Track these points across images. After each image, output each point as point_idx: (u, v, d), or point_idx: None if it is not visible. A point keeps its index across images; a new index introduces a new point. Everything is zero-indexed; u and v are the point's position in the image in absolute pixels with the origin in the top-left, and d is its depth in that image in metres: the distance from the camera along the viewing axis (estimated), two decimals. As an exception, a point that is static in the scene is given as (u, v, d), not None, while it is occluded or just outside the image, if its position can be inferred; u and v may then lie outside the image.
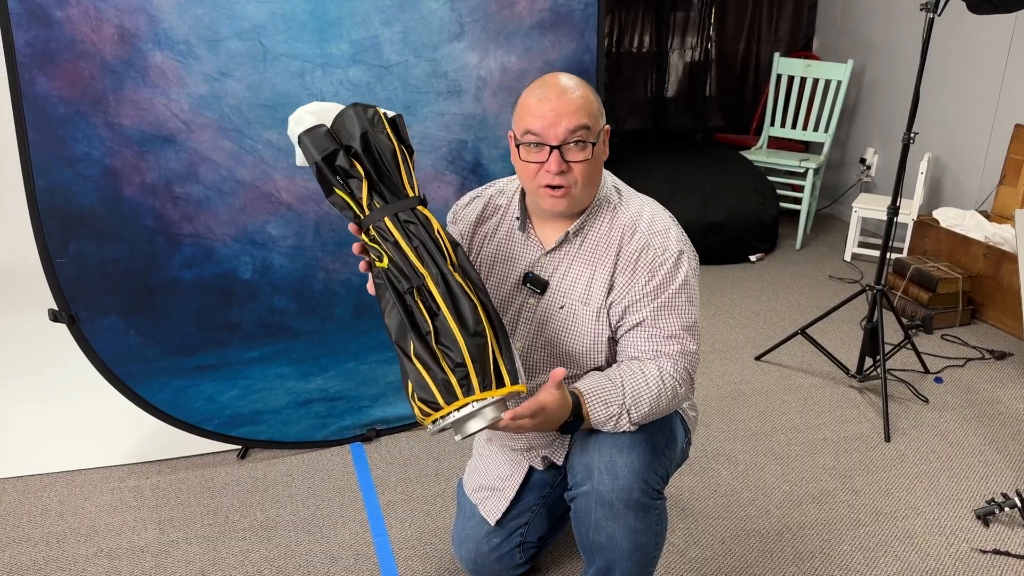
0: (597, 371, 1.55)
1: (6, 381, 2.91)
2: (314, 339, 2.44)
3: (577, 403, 1.46)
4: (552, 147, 1.48)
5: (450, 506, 2.24)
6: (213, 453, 2.48)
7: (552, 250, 1.62)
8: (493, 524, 1.84)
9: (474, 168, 2.45)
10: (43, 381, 2.89)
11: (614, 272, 1.57)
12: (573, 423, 1.47)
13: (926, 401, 2.86)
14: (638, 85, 5.32)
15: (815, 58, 5.16)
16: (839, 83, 4.68)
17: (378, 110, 1.49)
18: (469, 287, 1.40)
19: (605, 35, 2.27)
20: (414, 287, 1.38)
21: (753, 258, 4.37)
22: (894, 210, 2.77)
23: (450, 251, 1.43)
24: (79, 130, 2.03)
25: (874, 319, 2.83)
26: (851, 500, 2.30)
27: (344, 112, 1.47)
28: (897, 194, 2.75)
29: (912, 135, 2.68)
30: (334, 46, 2.19)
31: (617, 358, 1.60)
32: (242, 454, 2.48)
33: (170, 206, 2.17)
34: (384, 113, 1.49)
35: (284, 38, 2.14)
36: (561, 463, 1.75)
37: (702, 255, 1.69)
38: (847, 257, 4.37)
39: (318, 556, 2.05)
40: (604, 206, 1.61)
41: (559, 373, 1.40)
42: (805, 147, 5.18)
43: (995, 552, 2.08)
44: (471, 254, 1.72)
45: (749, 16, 5.32)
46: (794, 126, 4.88)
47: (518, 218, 1.66)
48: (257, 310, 2.34)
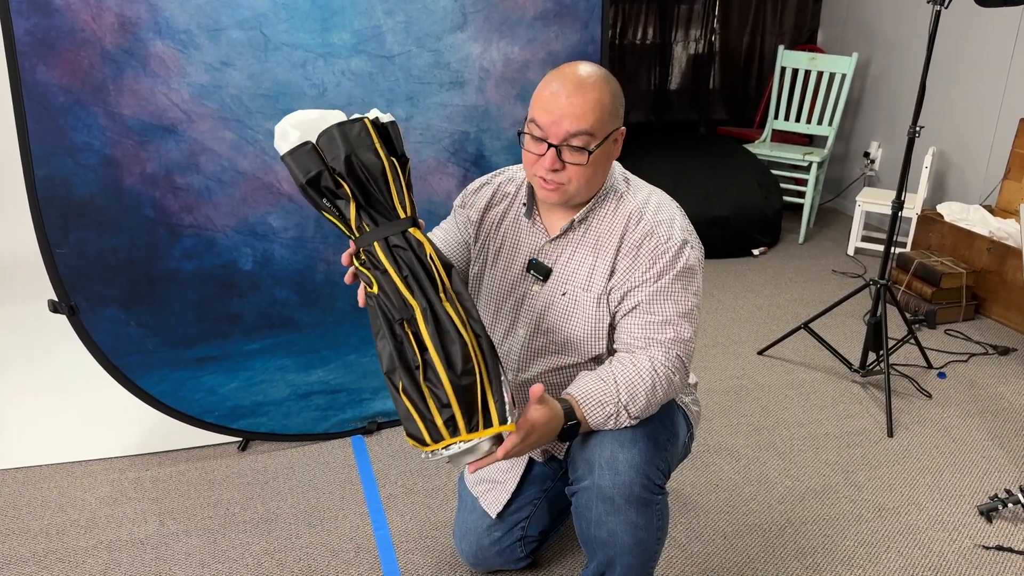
0: (588, 371, 1.54)
1: (6, 372, 2.90)
2: (315, 331, 2.43)
3: (571, 408, 1.45)
4: (551, 144, 1.47)
5: (451, 499, 2.24)
6: (214, 445, 2.47)
7: (557, 237, 1.62)
8: (494, 517, 1.83)
9: (476, 160, 2.43)
10: (43, 372, 2.89)
11: (616, 257, 1.56)
12: (570, 429, 1.45)
13: (929, 396, 2.85)
14: (641, 78, 5.30)
15: (819, 51, 5.13)
16: (843, 76, 4.65)
17: (366, 122, 1.41)
18: (461, 317, 1.35)
19: (610, 26, 2.25)
20: (404, 319, 1.35)
21: (756, 252, 4.35)
22: (899, 204, 2.76)
23: (443, 277, 1.38)
24: (79, 120, 2.02)
25: (877, 314, 2.81)
26: (853, 495, 2.29)
27: (327, 132, 1.39)
28: (902, 188, 2.73)
29: (917, 129, 2.67)
30: (336, 36, 2.18)
31: (613, 346, 1.59)
32: (243, 446, 2.47)
33: (170, 196, 2.16)
34: (375, 121, 1.42)
35: (286, 27, 2.13)
36: (562, 457, 1.74)
37: (705, 249, 1.68)
38: (850, 251, 4.36)
39: (319, 549, 2.05)
40: (611, 195, 1.60)
41: (537, 390, 1.38)
42: (809, 140, 5.16)
43: (998, 548, 2.07)
44: (478, 240, 1.72)
45: (753, 8, 5.29)
46: (798, 119, 4.86)
47: (524, 204, 1.65)
48: (258, 302, 2.33)
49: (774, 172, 4.55)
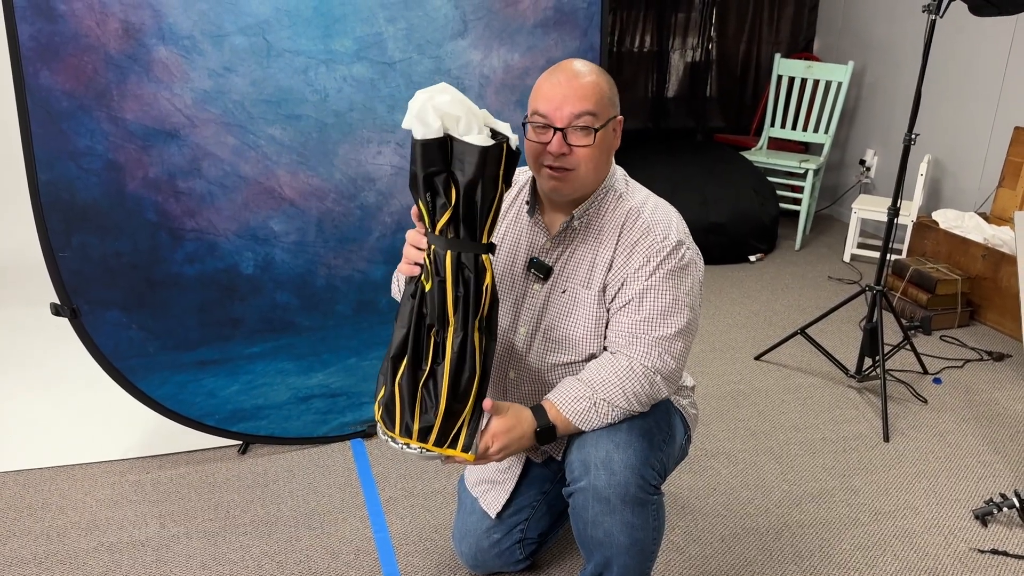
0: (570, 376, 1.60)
1: (7, 375, 2.91)
2: (316, 335, 2.44)
3: (543, 410, 1.52)
4: (556, 129, 1.49)
5: (451, 502, 2.25)
6: (214, 448, 2.48)
7: (557, 235, 1.63)
8: (494, 517, 1.85)
9: (476, 165, 2.45)
10: (44, 375, 2.90)
11: (614, 253, 1.59)
12: (545, 432, 1.51)
13: (925, 402, 2.87)
14: (639, 85, 5.34)
15: (815, 59, 5.17)
16: (839, 84, 4.69)
17: (507, 146, 1.40)
18: (480, 352, 1.44)
19: (608, 34, 2.28)
20: (434, 327, 1.42)
21: (753, 258, 4.37)
22: (894, 211, 2.78)
23: (485, 307, 1.44)
24: (82, 124, 2.03)
25: (874, 320, 2.83)
26: (850, 499, 2.31)
27: (471, 147, 1.37)
28: (898, 195, 2.76)
29: (913, 137, 2.69)
30: (338, 42, 2.20)
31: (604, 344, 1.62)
32: (243, 449, 2.48)
33: (173, 201, 2.18)
34: (507, 145, 1.41)
35: (288, 34, 2.15)
36: (560, 458, 1.75)
37: (703, 255, 1.70)
38: (846, 258, 4.38)
39: (318, 551, 2.06)
40: (610, 193, 1.62)
41: (486, 405, 1.47)
42: (805, 148, 5.19)
43: (993, 552, 2.09)
44: None
45: (750, 17, 5.33)
46: (794, 127, 4.89)
47: (527, 203, 1.67)
48: (259, 305, 2.35)
49: (770, 179, 4.58)
